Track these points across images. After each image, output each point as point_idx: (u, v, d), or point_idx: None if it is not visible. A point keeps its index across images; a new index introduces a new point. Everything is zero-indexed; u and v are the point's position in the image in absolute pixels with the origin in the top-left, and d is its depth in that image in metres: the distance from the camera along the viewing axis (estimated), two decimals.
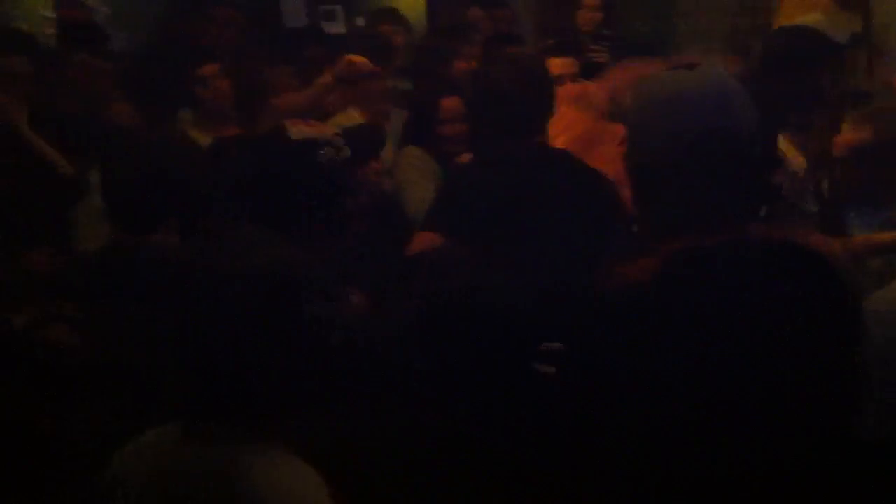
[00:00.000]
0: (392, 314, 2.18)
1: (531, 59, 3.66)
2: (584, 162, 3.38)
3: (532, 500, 1.74)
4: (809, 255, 1.75)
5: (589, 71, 4.86)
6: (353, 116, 4.66)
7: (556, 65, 4.35)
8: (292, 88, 5.21)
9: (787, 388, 1.67)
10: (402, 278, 2.43)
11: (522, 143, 3.30)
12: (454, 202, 3.29)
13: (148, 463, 1.73)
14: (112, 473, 1.77)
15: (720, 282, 1.71)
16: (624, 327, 1.70)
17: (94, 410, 2.35)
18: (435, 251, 2.90)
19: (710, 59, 2.00)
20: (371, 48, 5.15)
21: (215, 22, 6.16)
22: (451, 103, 4.28)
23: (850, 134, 2.97)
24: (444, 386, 1.86)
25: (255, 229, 1.99)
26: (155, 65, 4.96)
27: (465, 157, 4.09)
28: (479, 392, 1.86)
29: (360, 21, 8.16)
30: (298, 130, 3.92)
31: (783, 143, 3.32)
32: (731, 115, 1.75)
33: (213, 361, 1.68)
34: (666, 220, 1.80)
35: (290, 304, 1.69)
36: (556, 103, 3.47)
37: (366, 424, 1.82)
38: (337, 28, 8.20)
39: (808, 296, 1.70)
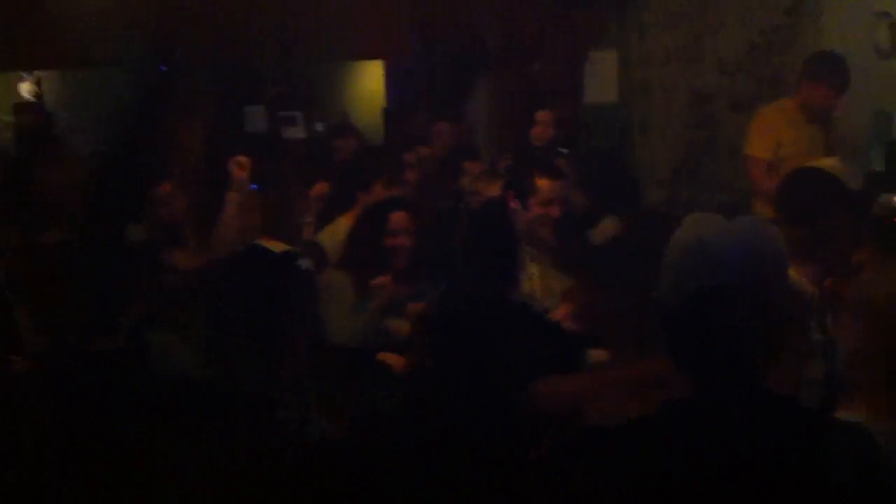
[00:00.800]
0: None
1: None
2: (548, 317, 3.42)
3: None
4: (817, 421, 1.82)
5: None
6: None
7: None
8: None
9: None
10: None
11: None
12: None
13: None
14: None
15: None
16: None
17: None
18: None
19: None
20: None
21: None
22: (399, 217, 4.36)
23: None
24: None
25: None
26: (110, 178, 4.97)
27: (382, 279, 4.13)
28: None
29: (320, 127, 8.27)
30: (276, 245, 4.06)
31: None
32: (758, 272, 1.80)
33: None
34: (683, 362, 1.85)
35: None
36: None
37: None
38: (297, 133, 8.30)
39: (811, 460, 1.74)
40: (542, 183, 4.25)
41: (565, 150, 5.73)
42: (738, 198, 5.88)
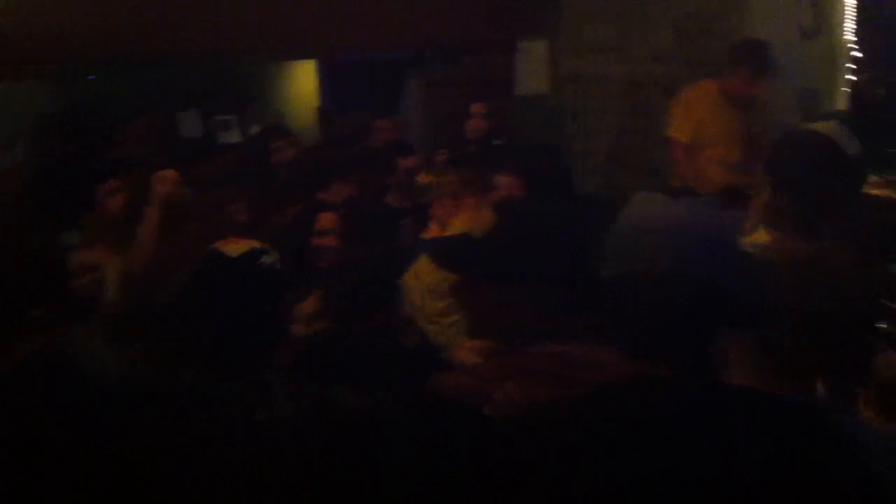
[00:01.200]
0: None
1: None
2: None
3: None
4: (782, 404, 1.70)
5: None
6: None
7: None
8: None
9: None
10: None
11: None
12: None
13: None
14: None
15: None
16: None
17: None
18: None
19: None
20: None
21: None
22: (327, 217, 4.35)
23: None
24: None
25: None
26: (55, 179, 4.90)
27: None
28: None
29: (255, 129, 8.22)
30: (232, 248, 4.03)
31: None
32: (705, 255, 1.71)
33: None
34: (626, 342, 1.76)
35: None
36: None
37: None
38: (232, 138, 8.25)
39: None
40: (504, 179, 4.27)
41: (499, 142, 5.75)
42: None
